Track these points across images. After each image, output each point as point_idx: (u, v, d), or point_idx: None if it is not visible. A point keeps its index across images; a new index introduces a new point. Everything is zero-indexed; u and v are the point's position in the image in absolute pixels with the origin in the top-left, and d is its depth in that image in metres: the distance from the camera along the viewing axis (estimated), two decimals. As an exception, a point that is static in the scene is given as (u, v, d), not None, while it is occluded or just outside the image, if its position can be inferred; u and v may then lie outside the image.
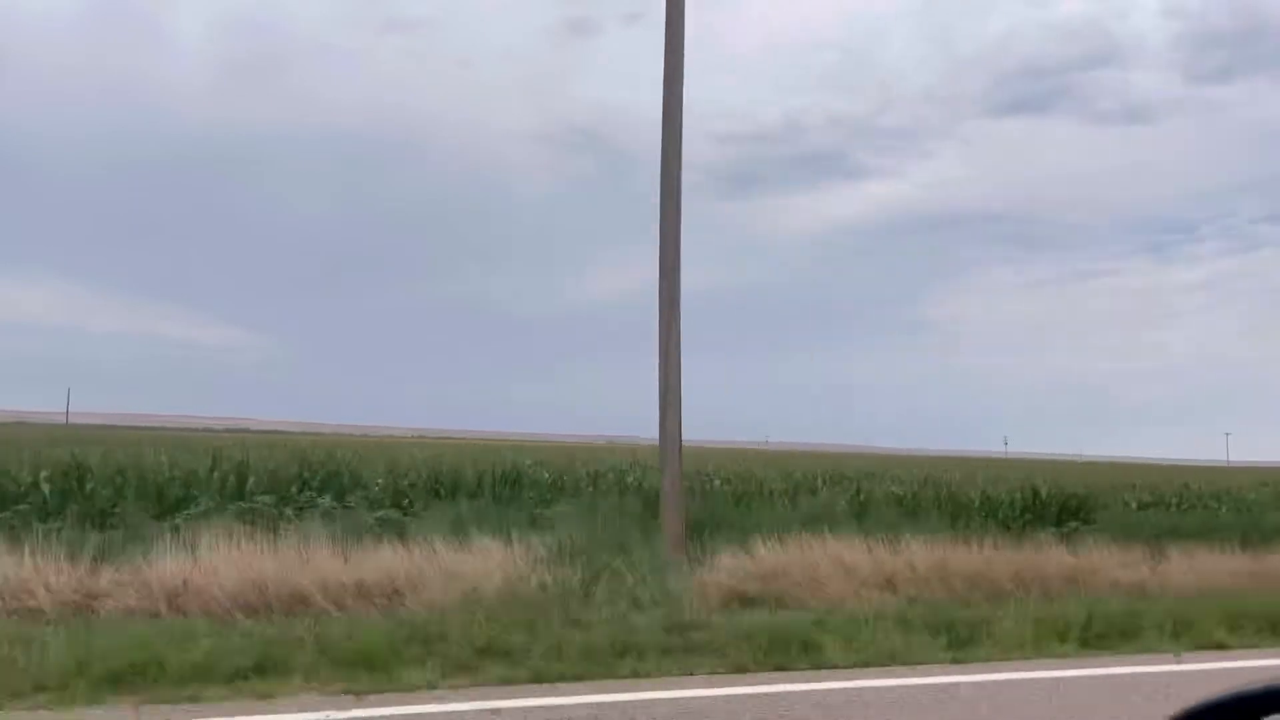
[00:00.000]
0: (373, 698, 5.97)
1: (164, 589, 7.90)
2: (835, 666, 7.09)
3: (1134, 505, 18.94)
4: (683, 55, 12.13)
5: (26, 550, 8.17)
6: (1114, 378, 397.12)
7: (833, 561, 10.04)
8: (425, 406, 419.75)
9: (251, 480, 14.95)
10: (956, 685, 6.63)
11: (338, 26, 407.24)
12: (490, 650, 6.88)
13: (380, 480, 16.84)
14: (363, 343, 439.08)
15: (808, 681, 6.64)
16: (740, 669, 6.94)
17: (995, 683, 6.76)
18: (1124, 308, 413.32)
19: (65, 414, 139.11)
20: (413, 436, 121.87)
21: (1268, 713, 1.41)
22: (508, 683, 6.37)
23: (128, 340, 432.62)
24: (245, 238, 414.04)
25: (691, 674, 6.81)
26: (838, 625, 7.92)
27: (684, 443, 11.93)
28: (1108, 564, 11.03)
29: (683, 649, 7.27)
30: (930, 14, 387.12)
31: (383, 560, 8.92)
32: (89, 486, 13.50)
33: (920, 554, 10.46)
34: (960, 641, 7.81)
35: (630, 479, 19.53)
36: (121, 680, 5.97)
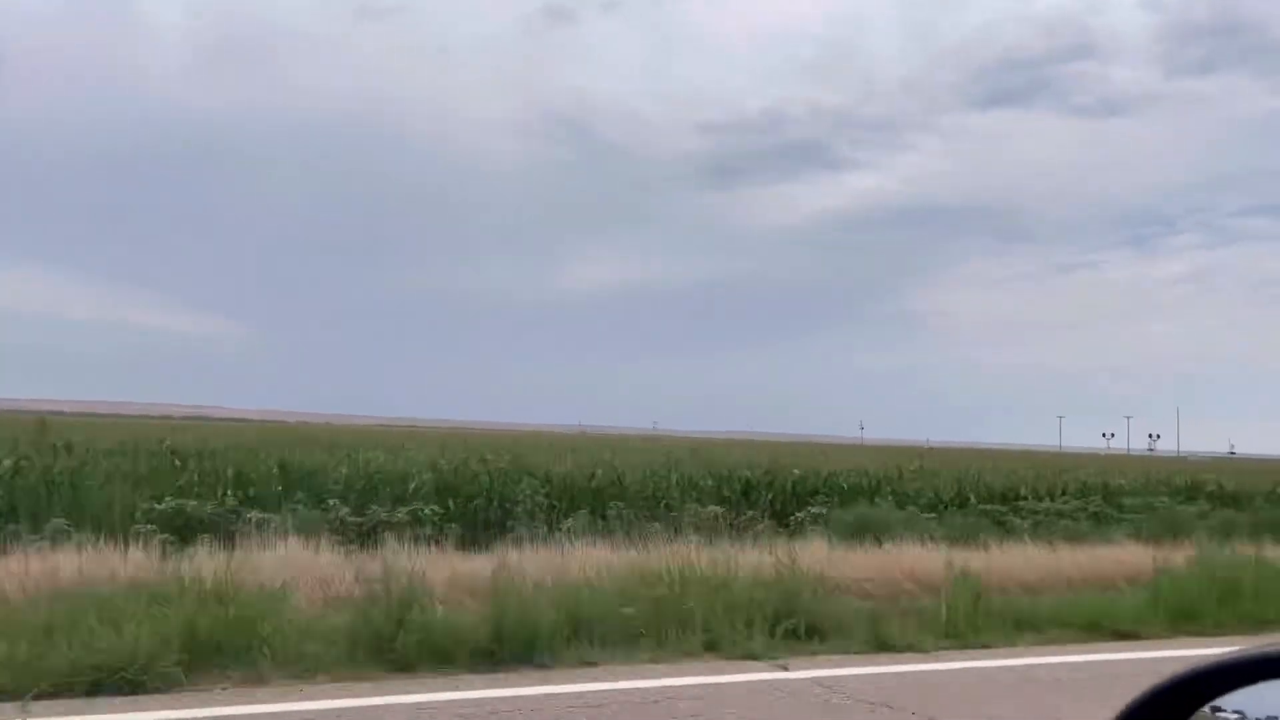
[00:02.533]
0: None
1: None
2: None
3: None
4: None
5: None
6: (1091, 370, 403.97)
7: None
8: (399, 396, 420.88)
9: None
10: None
11: (315, 14, 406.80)
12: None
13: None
14: (341, 331, 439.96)
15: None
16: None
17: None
18: (1104, 300, 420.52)
19: (37, 403, 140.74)
20: (379, 426, 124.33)
21: (1216, 694, 1.38)
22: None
23: (104, 327, 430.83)
24: (222, 225, 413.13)
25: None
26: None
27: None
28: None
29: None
30: (911, 5, 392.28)
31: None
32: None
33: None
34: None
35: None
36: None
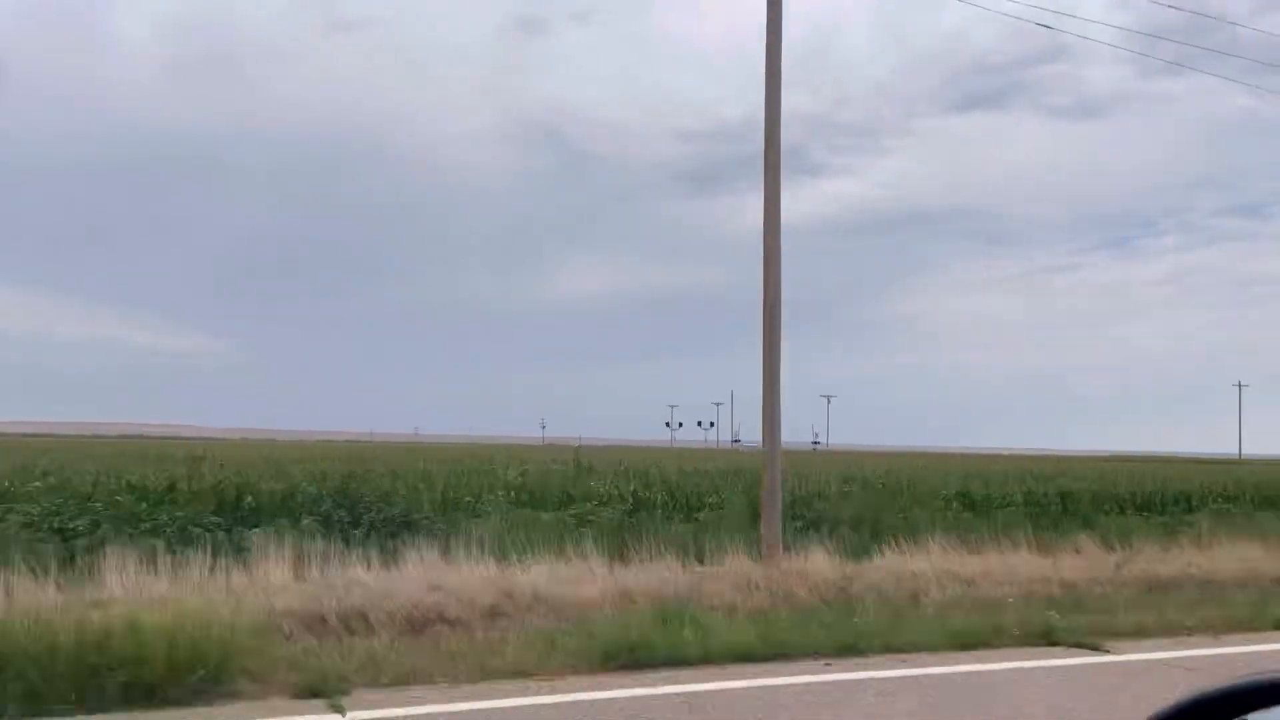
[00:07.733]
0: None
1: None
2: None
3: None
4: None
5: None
6: (1074, 372, 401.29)
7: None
8: (390, 411, 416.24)
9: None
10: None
11: (288, 26, 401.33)
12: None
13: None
14: (326, 347, 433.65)
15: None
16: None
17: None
18: (1087, 303, 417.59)
19: (32, 424, 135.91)
20: (362, 441, 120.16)
21: (1249, 709, 1.37)
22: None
23: (90, 348, 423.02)
24: (202, 242, 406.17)
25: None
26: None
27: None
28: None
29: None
30: (884, 9, 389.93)
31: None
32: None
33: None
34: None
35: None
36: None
